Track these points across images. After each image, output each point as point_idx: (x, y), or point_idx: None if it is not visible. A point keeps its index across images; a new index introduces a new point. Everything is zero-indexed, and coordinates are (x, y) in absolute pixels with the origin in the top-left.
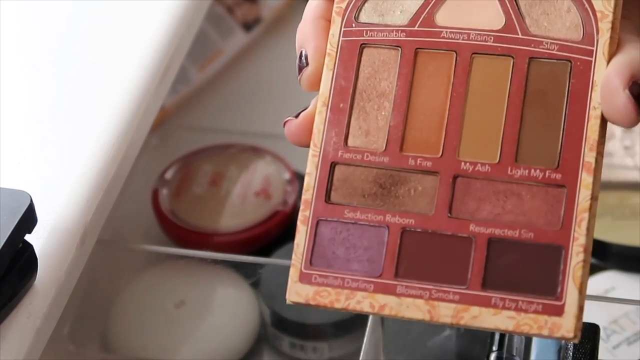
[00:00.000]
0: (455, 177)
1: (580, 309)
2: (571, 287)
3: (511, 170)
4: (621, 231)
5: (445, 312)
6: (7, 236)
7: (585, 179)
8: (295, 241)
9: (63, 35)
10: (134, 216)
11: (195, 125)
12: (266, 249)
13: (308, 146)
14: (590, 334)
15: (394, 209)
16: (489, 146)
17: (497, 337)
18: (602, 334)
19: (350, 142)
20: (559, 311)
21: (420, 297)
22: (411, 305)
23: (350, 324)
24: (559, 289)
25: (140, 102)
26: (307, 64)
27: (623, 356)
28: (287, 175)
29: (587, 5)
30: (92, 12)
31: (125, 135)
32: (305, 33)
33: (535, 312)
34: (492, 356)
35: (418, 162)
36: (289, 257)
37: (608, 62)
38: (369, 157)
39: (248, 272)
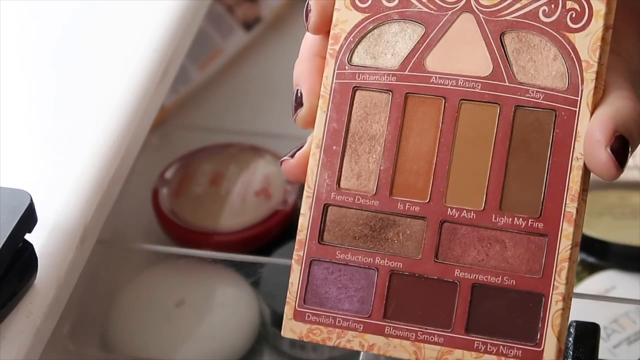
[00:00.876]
0: (442, 223)
1: (559, 352)
2: (550, 334)
3: (495, 218)
4: (621, 230)
5: (430, 354)
6: (7, 235)
7: (566, 229)
8: (290, 279)
9: (63, 35)
10: (134, 216)
11: (195, 124)
12: (266, 248)
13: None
14: (590, 333)
15: (383, 252)
16: (474, 193)
17: None
18: (602, 333)
19: (342, 184)
20: (537, 357)
21: (407, 338)
22: (398, 346)
23: None
24: (539, 336)
25: (140, 101)
26: (302, 104)
27: (623, 355)
28: None
29: (572, 55)
30: (92, 12)
31: (125, 134)
32: (301, 72)
33: (515, 357)
34: None
35: (407, 206)
36: (289, 257)
37: (592, 113)
38: (360, 200)
39: (248, 272)
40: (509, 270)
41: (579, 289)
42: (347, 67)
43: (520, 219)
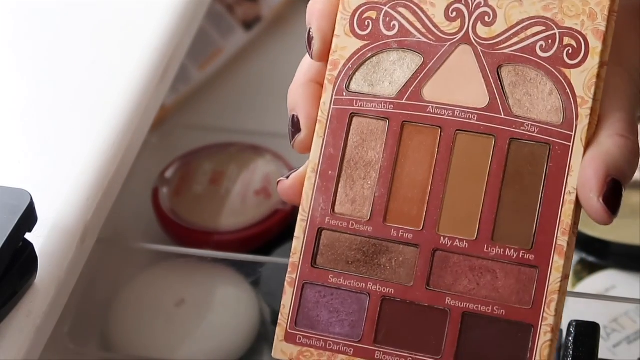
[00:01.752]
0: (434, 251)
1: None
2: None
3: (487, 248)
4: (621, 230)
5: None
6: (7, 235)
7: (557, 262)
8: (282, 301)
9: (63, 34)
10: (134, 215)
11: (196, 124)
12: (266, 248)
13: (299, 205)
14: (590, 332)
15: (376, 277)
16: (467, 223)
17: None
18: (602, 332)
19: (337, 209)
20: None
21: None
22: None
23: None
24: None
25: (141, 100)
26: (300, 129)
27: (623, 355)
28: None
29: (568, 90)
30: (92, 12)
31: (126, 134)
32: (297, 97)
33: None
34: None
35: (400, 233)
36: (289, 256)
37: (585, 148)
38: (354, 225)
39: (248, 271)
40: (499, 300)
41: (579, 288)
42: (344, 94)
43: (512, 250)
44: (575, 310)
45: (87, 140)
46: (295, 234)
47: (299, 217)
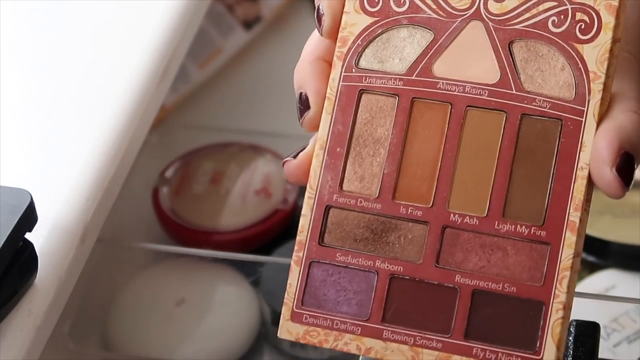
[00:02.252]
0: (444, 228)
1: None
2: (549, 342)
3: (498, 225)
4: (621, 229)
5: (428, 359)
6: (7, 234)
7: (569, 238)
8: (289, 280)
9: (63, 34)
10: (135, 215)
11: (196, 123)
12: (266, 248)
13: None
14: (590, 332)
15: (384, 255)
16: (478, 199)
17: None
18: (602, 332)
19: (345, 187)
20: None
21: (405, 342)
22: (396, 350)
23: None
24: (538, 344)
25: (141, 100)
26: (309, 107)
27: (623, 355)
28: None
29: (580, 65)
30: (92, 12)
31: (126, 133)
32: (305, 75)
33: None
34: None
35: (409, 210)
36: (289, 256)
37: (598, 124)
38: (362, 202)
39: (248, 271)
40: (510, 277)
41: (579, 288)
42: (354, 70)
43: (523, 227)
44: (575, 310)
45: (87, 140)
46: (303, 212)
47: (306, 195)
